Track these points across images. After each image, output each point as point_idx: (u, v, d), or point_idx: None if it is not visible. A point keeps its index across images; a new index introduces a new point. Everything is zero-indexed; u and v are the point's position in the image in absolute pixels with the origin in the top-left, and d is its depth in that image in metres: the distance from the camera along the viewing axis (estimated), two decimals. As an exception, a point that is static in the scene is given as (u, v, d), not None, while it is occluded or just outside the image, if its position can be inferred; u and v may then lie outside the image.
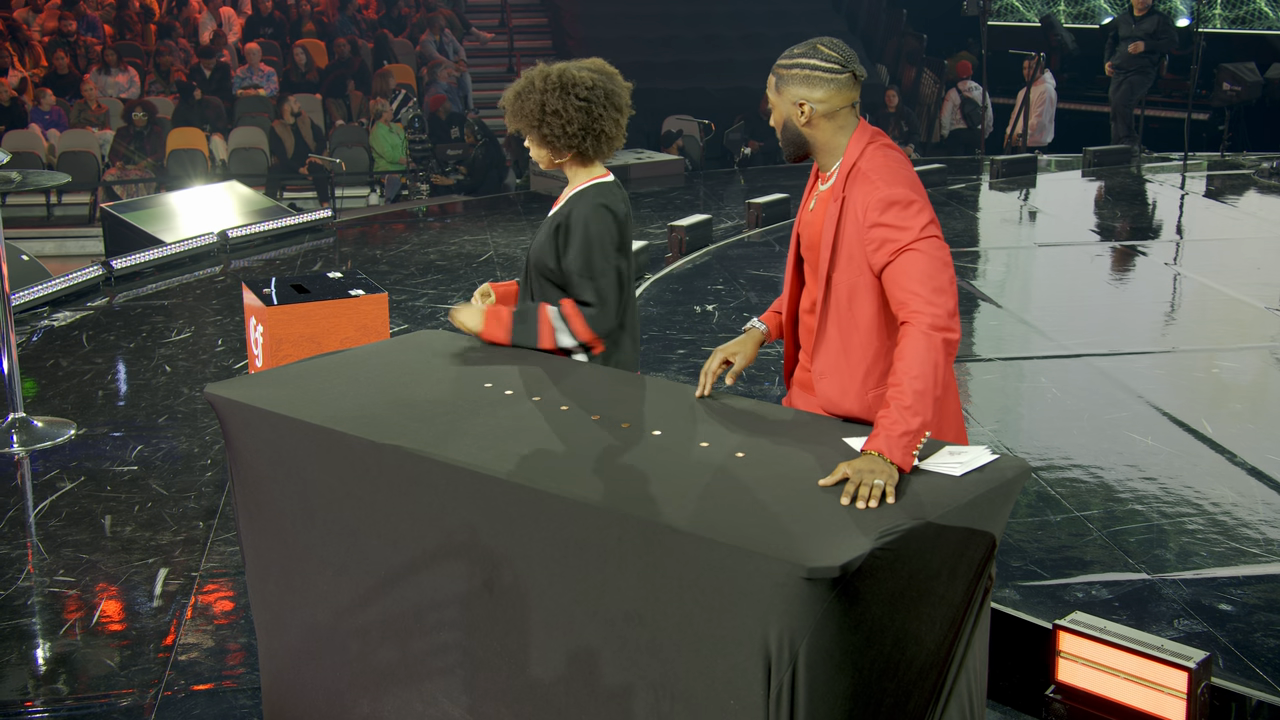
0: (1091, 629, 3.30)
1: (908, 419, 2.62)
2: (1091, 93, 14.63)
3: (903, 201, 2.79)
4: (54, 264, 8.86)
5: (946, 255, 2.79)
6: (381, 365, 3.38)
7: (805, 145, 2.95)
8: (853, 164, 2.89)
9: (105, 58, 14.51)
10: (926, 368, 2.66)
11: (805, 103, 2.88)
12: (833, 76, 2.88)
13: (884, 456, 2.58)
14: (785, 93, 2.91)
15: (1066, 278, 8.43)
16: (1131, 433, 5.32)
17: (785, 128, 2.95)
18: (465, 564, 2.76)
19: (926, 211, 2.80)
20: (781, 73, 2.92)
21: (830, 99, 2.88)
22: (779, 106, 2.94)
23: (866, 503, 2.48)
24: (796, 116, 2.90)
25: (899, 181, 2.83)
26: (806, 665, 2.30)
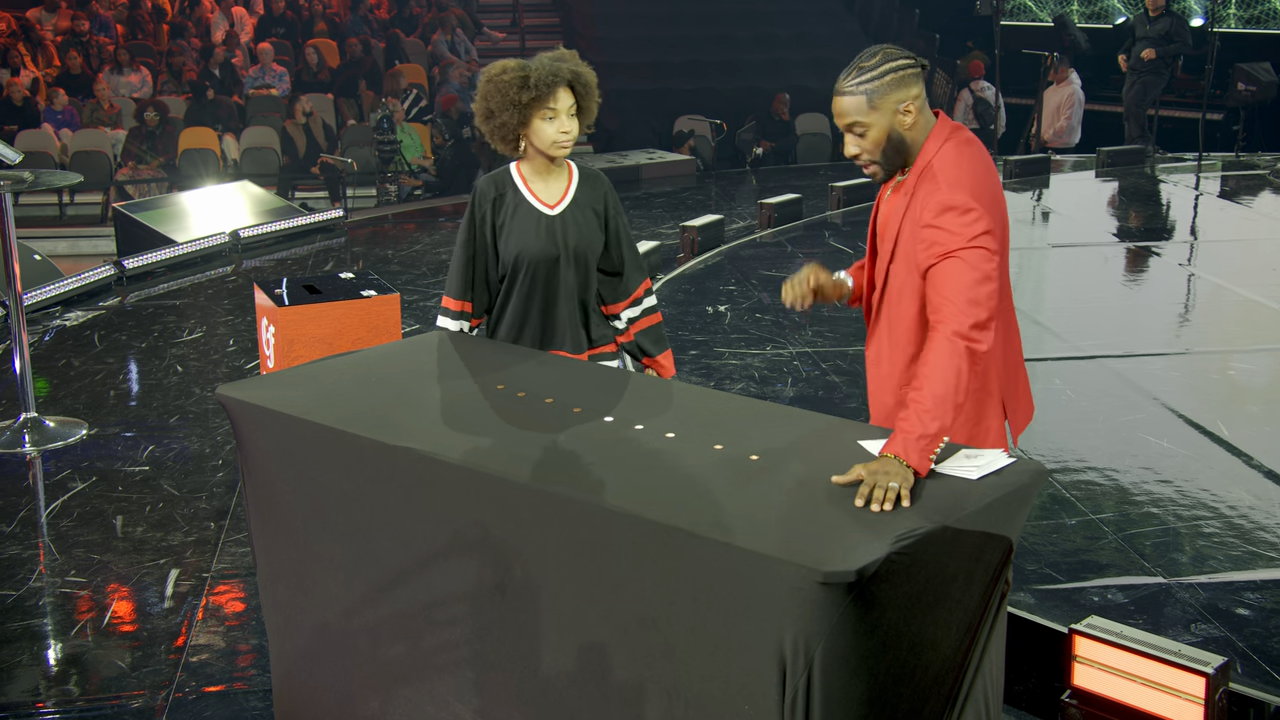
0: (1107, 633, 3.27)
1: (926, 423, 2.59)
2: (1105, 93, 14.57)
3: (960, 207, 2.74)
4: (66, 263, 8.87)
5: (992, 268, 2.73)
6: (393, 366, 3.37)
7: (909, 149, 2.88)
8: (928, 161, 2.85)
9: (118, 57, 14.54)
10: (949, 374, 2.64)
11: (908, 103, 2.84)
12: (917, 71, 2.86)
13: (901, 460, 2.56)
14: (883, 104, 2.83)
15: (1080, 279, 8.40)
16: (1146, 435, 5.28)
17: (889, 140, 2.85)
18: (477, 566, 2.75)
19: (983, 220, 2.74)
20: (871, 86, 2.82)
21: (922, 93, 2.87)
22: (878, 122, 2.84)
23: (881, 505, 2.45)
24: (902, 122, 2.84)
25: (962, 186, 2.78)
26: (822, 670, 2.28)
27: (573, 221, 3.53)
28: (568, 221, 3.53)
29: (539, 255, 3.51)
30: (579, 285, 3.57)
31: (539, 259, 3.51)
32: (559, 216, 3.53)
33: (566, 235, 3.52)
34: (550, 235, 3.51)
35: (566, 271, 3.54)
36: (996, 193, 2.88)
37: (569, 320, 3.58)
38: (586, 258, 3.56)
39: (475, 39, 16.67)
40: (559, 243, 3.51)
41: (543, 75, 3.41)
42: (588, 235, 3.54)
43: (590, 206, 3.56)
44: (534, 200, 3.53)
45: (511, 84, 3.42)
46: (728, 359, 6.42)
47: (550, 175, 3.55)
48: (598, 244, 3.57)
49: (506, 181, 3.57)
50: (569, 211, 3.53)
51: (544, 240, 3.51)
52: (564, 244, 3.52)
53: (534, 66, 3.43)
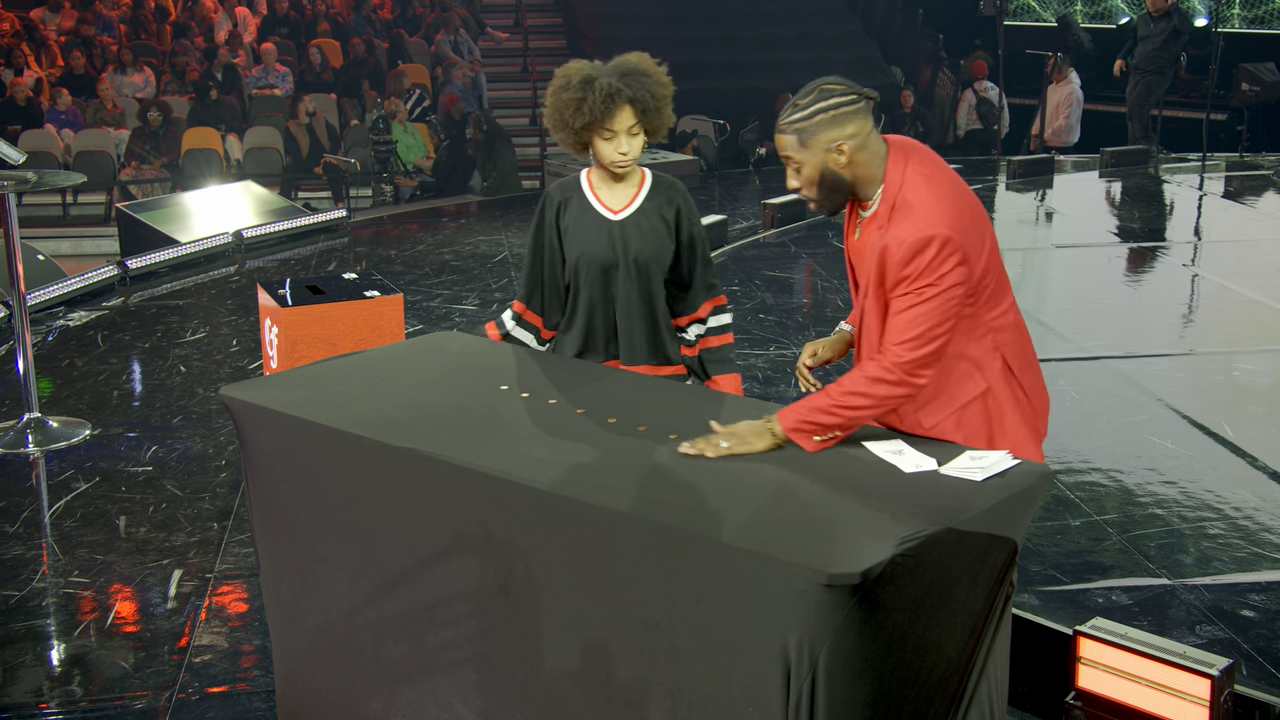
0: (1112, 635, 3.27)
1: (829, 413, 2.73)
2: (1109, 93, 14.54)
3: (935, 243, 2.71)
4: (70, 263, 8.87)
5: (952, 310, 2.74)
6: (396, 367, 3.36)
7: (846, 187, 2.86)
8: (897, 191, 2.81)
9: (121, 57, 14.55)
10: (876, 391, 2.74)
11: (840, 142, 2.80)
12: (855, 107, 2.82)
13: (776, 423, 2.74)
14: (814, 143, 2.81)
15: (1084, 279, 8.38)
16: (1151, 436, 5.27)
17: (824, 178, 2.84)
18: (480, 567, 2.74)
19: (955, 257, 2.72)
20: (802, 125, 2.82)
21: (860, 130, 2.81)
22: (810, 160, 2.83)
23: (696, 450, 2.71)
24: (835, 160, 2.81)
25: (938, 221, 2.73)
26: (826, 672, 2.28)
27: (635, 229, 3.43)
28: (629, 228, 3.44)
29: (597, 260, 3.43)
30: (641, 295, 3.46)
31: (597, 264, 3.43)
32: (621, 223, 3.44)
33: (627, 242, 3.43)
34: (610, 241, 3.43)
35: (625, 279, 3.44)
36: (970, 210, 2.83)
37: (634, 332, 3.47)
38: (649, 267, 3.44)
39: (478, 39, 16.69)
40: (618, 249, 3.42)
41: (598, 99, 3.29)
42: (652, 243, 3.44)
43: (659, 214, 3.45)
44: (598, 205, 3.46)
45: (568, 105, 3.33)
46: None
47: (619, 182, 3.47)
48: (663, 253, 3.46)
49: (574, 187, 3.50)
50: (634, 218, 3.44)
51: (604, 246, 3.43)
52: (623, 251, 3.43)
53: (596, 87, 3.30)
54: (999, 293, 2.91)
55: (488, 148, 12.78)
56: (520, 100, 16.01)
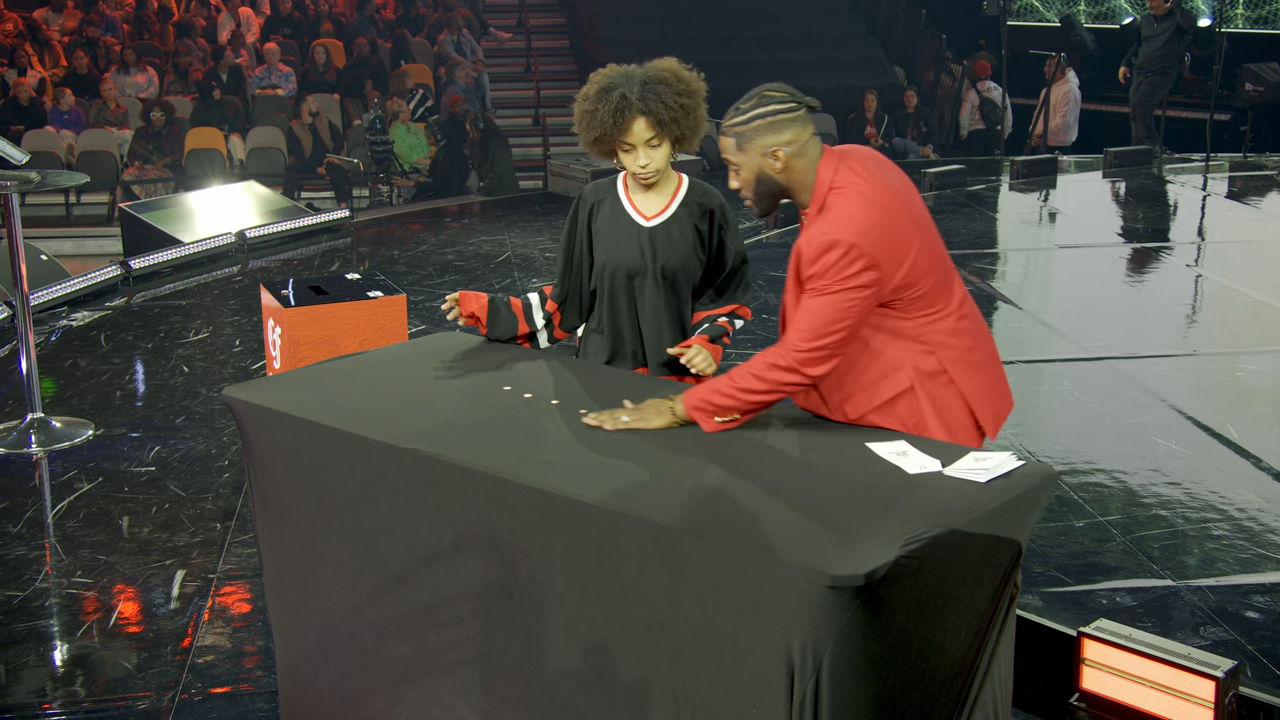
0: (1116, 636, 3.26)
1: (727, 396, 2.83)
2: (1112, 93, 14.54)
3: (840, 248, 2.78)
4: (73, 263, 8.88)
5: (853, 310, 2.80)
6: (399, 368, 3.36)
7: (781, 191, 2.94)
8: (824, 195, 2.89)
9: (124, 58, 14.55)
10: (771, 380, 2.82)
11: (776, 148, 2.88)
12: (794, 115, 2.90)
13: (680, 402, 2.86)
14: (751, 147, 2.90)
15: (1087, 279, 8.37)
16: (1155, 437, 5.27)
17: (759, 182, 2.93)
18: (484, 568, 2.74)
19: (859, 262, 2.78)
20: (740, 129, 2.91)
21: (797, 138, 2.89)
22: (746, 163, 2.92)
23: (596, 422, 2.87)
24: (770, 165, 2.90)
25: (847, 227, 2.79)
26: (830, 674, 2.27)
27: (665, 235, 3.37)
28: (659, 235, 3.37)
29: (624, 267, 3.38)
30: (668, 305, 3.40)
31: (624, 270, 3.38)
32: (652, 229, 3.38)
33: (656, 249, 3.36)
34: (639, 246, 3.36)
35: (653, 288, 3.38)
36: (896, 219, 2.86)
37: (662, 341, 3.40)
38: (676, 275, 3.38)
39: (481, 39, 16.69)
40: (645, 255, 3.36)
41: (608, 112, 3.23)
42: (681, 252, 3.37)
43: (692, 223, 3.38)
44: (631, 210, 3.40)
45: (582, 117, 3.29)
46: (734, 360, 6.41)
47: (662, 184, 3.40)
48: (691, 263, 3.39)
49: (610, 189, 3.44)
50: (666, 225, 3.38)
51: (632, 252, 3.36)
52: (651, 258, 3.36)
53: (608, 98, 3.24)
54: (935, 297, 2.92)
55: (483, 147, 12.77)
56: (523, 100, 16.00)
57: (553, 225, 9.91)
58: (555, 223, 9.99)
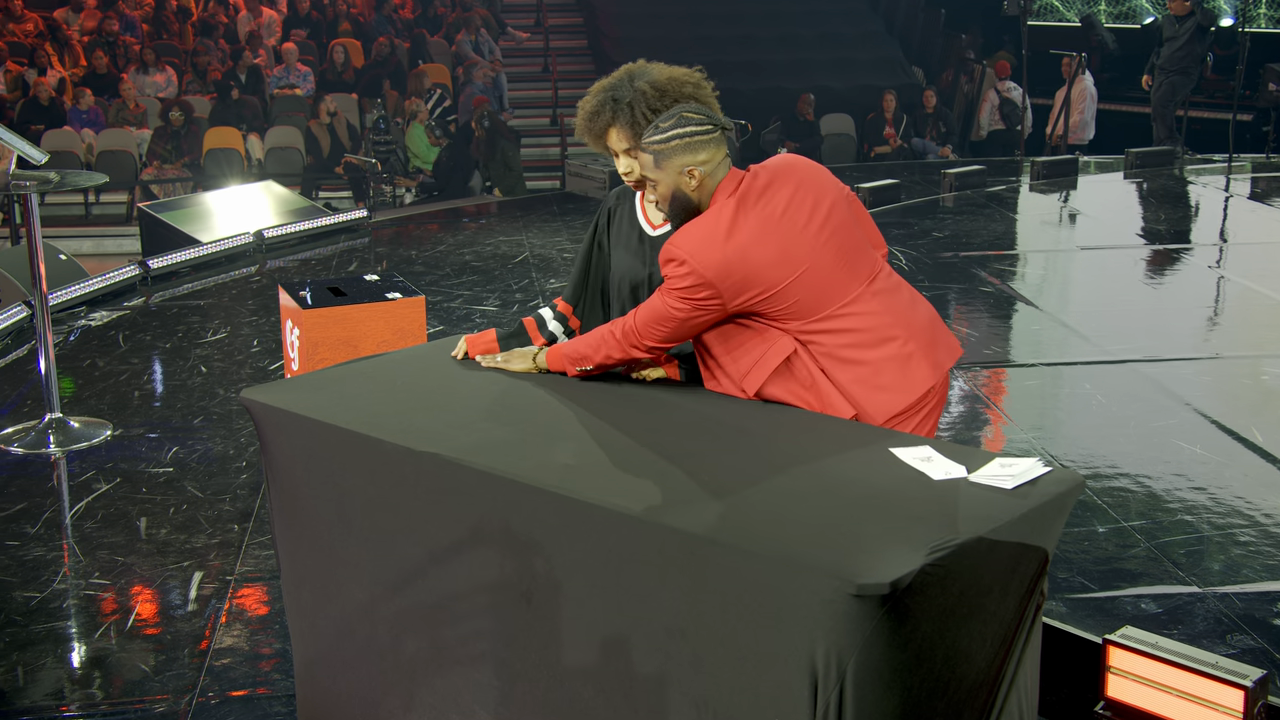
0: (1143, 644, 3.21)
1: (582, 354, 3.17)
2: (1133, 93, 14.46)
3: (675, 260, 2.97)
4: (92, 263, 8.89)
5: (679, 312, 2.98)
6: (418, 370, 3.34)
7: (695, 207, 3.07)
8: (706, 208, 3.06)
9: (143, 57, 14.59)
10: (607, 348, 3.12)
11: (692, 168, 3.01)
12: (710, 136, 3.02)
13: (542, 354, 3.24)
14: (669, 165, 3.02)
15: (1108, 281, 8.31)
16: (1178, 440, 5.21)
17: (675, 198, 3.06)
18: (503, 573, 2.71)
19: (690, 277, 2.94)
20: (659, 148, 3.02)
21: (711, 158, 3.02)
22: (664, 180, 3.04)
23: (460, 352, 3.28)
24: (686, 183, 3.03)
25: (691, 247, 2.96)
26: (854, 684, 2.24)
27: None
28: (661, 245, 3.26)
29: (627, 276, 3.33)
30: None
31: (627, 280, 3.33)
32: (654, 239, 3.31)
33: (655, 259, 3.28)
34: (642, 256, 3.31)
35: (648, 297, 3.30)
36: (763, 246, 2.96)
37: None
38: None
39: (499, 39, 16.68)
40: (647, 265, 3.30)
41: (582, 119, 3.24)
42: None
43: None
44: (641, 218, 3.35)
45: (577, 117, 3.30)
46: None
47: None
48: None
49: (629, 196, 3.40)
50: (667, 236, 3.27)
51: (635, 260, 3.32)
52: (650, 269, 3.30)
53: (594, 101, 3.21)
54: (809, 309, 3.01)
55: (489, 146, 12.74)
56: (541, 100, 16.00)
57: (570, 226, 9.89)
58: (573, 223, 9.97)
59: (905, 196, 10.64)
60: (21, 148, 5.48)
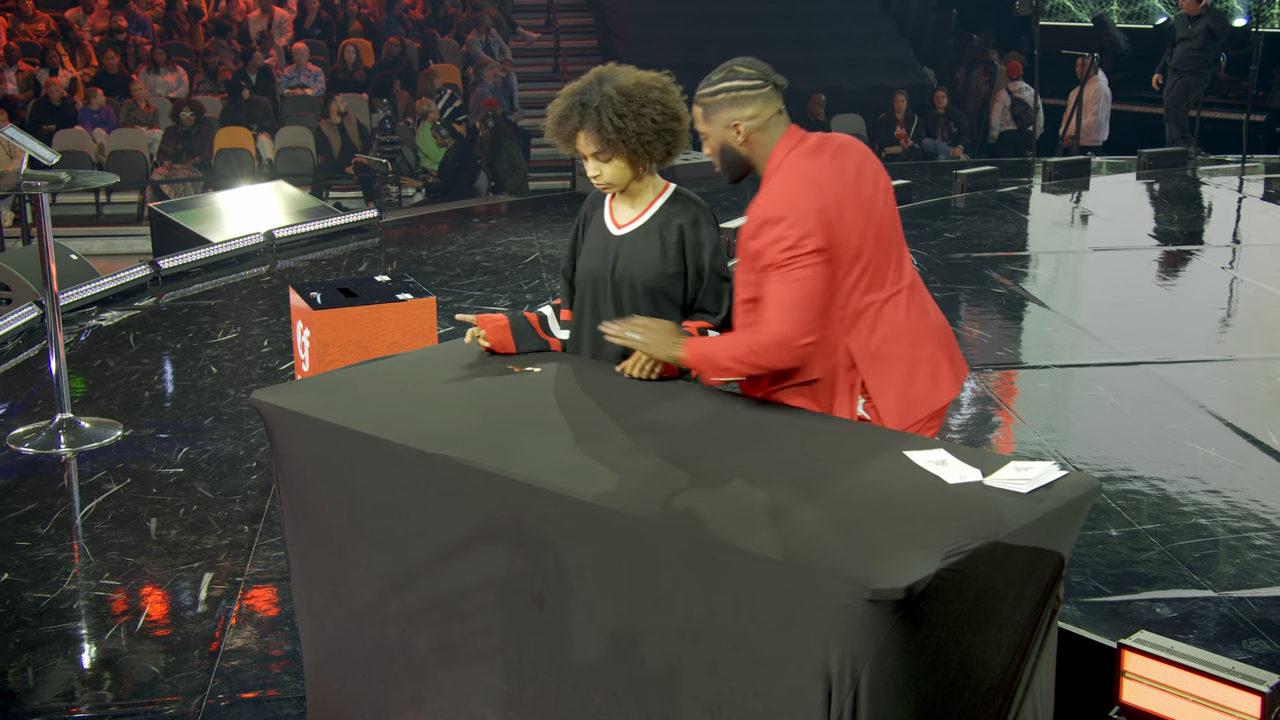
0: (1158, 649, 3.19)
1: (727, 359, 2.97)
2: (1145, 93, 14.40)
3: (772, 218, 2.88)
4: (103, 262, 8.89)
5: (808, 276, 2.88)
6: (429, 372, 3.33)
7: (744, 163, 3.05)
8: (772, 172, 2.99)
9: (154, 57, 14.60)
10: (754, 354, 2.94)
11: (738, 122, 2.99)
12: (758, 91, 2.99)
13: (684, 347, 3.00)
14: (715, 119, 3.01)
15: (1121, 283, 8.28)
16: (1192, 443, 5.18)
17: (723, 151, 3.04)
18: (514, 577, 2.70)
19: (795, 229, 2.86)
20: (706, 101, 3.02)
21: (760, 113, 2.99)
22: (712, 134, 3.03)
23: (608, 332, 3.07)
24: (733, 138, 3.01)
25: (779, 200, 2.89)
26: (869, 689, 2.22)
27: (631, 246, 3.29)
28: (625, 244, 3.30)
29: (591, 275, 3.33)
30: (629, 313, 3.27)
31: (591, 279, 3.33)
32: (620, 238, 3.31)
33: (619, 259, 3.29)
34: (605, 256, 3.31)
35: (615, 296, 3.30)
36: (826, 198, 2.92)
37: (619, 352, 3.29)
38: (636, 286, 3.27)
39: (510, 39, 16.66)
40: (609, 265, 3.30)
41: (551, 121, 3.25)
42: (645, 261, 3.26)
43: (659, 234, 3.27)
44: (608, 218, 3.35)
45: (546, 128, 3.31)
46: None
47: (636, 195, 3.32)
48: (656, 272, 3.25)
49: (601, 197, 3.40)
50: (633, 235, 3.30)
51: (599, 260, 3.32)
52: (613, 266, 3.29)
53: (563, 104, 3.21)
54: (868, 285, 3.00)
55: (493, 146, 12.73)
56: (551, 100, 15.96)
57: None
58: (583, 223, 9.94)
59: (917, 197, 10.61)
60: (33, 148, 5.48)
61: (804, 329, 2.91)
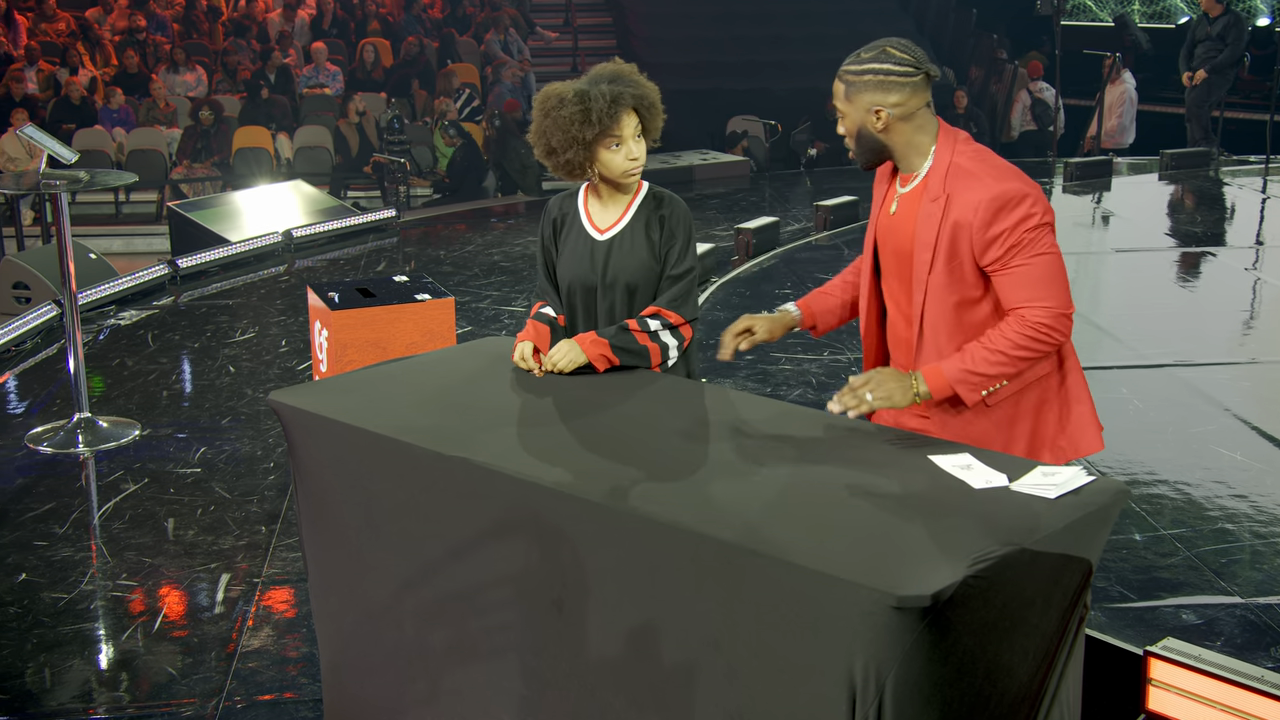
0: (1185, 656, 3.14)
1: (979, 364, 2.73)
2: (1167, 94, 14.31)
3: (1015, 198, 2.74)
4: (121, 261, 8.90)
5: (1057, 247, 2.78)
6: (447, 373, 3.30)
7: (883, 151, 2.87)
8: (949, 161, 2.81)
9: (174, 56, 14.62)
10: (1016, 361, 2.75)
11: (881, 109, 2.80)
12: (908, 79, 2.80)
13: (919, 378, 2.76)
14: (857, 100, 2.82)
15: (1143, 284, 8.21)
16: (1217, 447, 5.13)
17: (860, 135, 2.85)
18: (534, 582, 2.67)
19: (1040, 203, 2.75)
20: (851, 79, 2.82)
21: (906, 102, 2.80)
22: (851, 114, 2.85)
23: (842, 406, 2.77)
24: (872, 123, 2.82)
25: (1007, 175, 2.77)
26: (893, 698, 2.19)
27: (619, 249, 3.29)
28: (613, 248, 3.30)
29: (579, 282, 3.33)
30: (622, 316, 3.31)
31: (579, 286, 3.33)
32: (605, 242, 3.31)
33: (609, 263, 3.29)
34: (592, 262, 3.31)
35: (606, 301, 3.31)
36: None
37: None
38: (629, 287, 3.29)
39: (528, 38, 16.64)
40: (599, 270, 3.30)
41: (604, 106, 3.17)
42: (633, 263, 3.28)
43: (645, 233, 3.29)
44: (587, 224, 3.34)
45: (573, 120, 3.18)
46: (784, 364, 6.32)
47: (613, 198, 3.32)
48: (645, 272, 3.29)
49: (572, 202, 3.39)
50: (618, 237, 3.30)
51: (585, 267, 3.31)
52: (603, 271, 3.30)
53: (594, 96, 3.17)
54: None
55: (500, 145, 12.70)
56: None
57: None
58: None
59: (936, 197, 10.53)
60: (52, 147, 5.48)
61: (1069, 298, 2.78)
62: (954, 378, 2.77)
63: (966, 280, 2.84)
